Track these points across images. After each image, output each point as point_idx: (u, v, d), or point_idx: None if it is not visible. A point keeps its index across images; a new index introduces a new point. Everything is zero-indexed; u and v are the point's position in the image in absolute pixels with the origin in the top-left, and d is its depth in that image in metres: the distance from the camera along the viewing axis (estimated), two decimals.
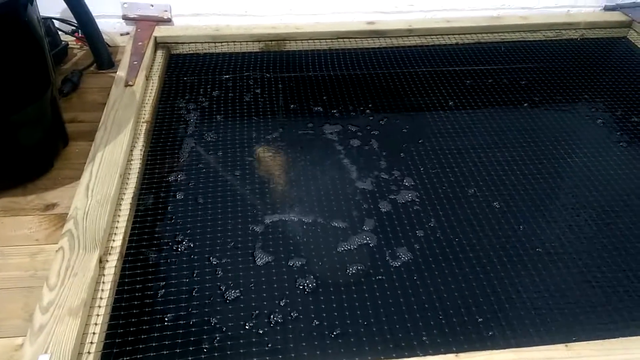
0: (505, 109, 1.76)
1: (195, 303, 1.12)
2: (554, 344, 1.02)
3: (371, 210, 1.36)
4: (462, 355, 0.99)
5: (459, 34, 2.09)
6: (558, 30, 2.14)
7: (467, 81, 1.87)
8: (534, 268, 1.23)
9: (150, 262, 1.19)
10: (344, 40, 2.04)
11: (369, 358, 1.02)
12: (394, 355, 1.02)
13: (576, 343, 1.02)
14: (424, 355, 1.00)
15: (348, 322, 1.10)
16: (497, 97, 1.80)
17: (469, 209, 1.37)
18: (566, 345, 1.01)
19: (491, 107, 1.76)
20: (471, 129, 1.66)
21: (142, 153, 1.45)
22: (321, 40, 2.03)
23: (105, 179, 1.31)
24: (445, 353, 1.00)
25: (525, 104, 1.78)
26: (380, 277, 1.19)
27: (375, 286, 1.17)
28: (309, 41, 2.03)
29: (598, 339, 1.03)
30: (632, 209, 1.39)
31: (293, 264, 1.21)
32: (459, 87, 1.84)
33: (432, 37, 2.07)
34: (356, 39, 2.04)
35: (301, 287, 1.16)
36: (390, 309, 1.12)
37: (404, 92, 1.81)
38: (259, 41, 2.00)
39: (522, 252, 1.27)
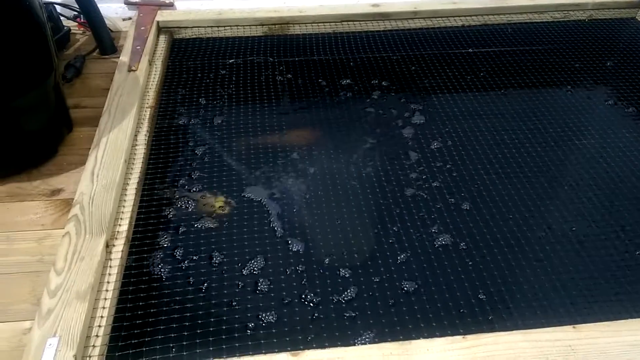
0: (512, 91, 1.73)
1: (202, 286, 1.12)
2: (561, 325, 1.02)
3: (377, 198, 1.35)
4: (469, 337, 0.98)
5: (465, 16, 2.06)
6: (566, 12, 2.10)
7: (473, 64, 1.85)
8: (542, 250, 1.22)
9: (157, 247, 1.20)
10: (349, 23, 2.01)
11: (376, 340, 1.02)
12: (401, 337, 1.02)
13: (584, 324, 1.01)
14: (432, 337, 1.00)
15: (355, 304, 1.10)
16: (504, 79, 1.78)
17: (475, 192, 1.36)
18: (574, 327, 1.00)
19: (498, 89, 1.74)
20: (477, 112, 1.64)
21: (146, 138, 1.45)
22: (325, 24, 2.01)
23: (110, 164, 1.31)
24: (452, 335, 1.00)
25: (533, 86, 1.76)
26: (389, 260, 1.19)
27: (382, 269, 1.17)
28: (313, 24, 2.00)
29: (605, 321, 1.03)
30: None
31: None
32: (465, 69, 1.82)
33: (437, 19, 2.05)
34: (361, 22, 2.02)
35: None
36: (397, 291, 1.12)
37: (410, 75, 1.79)
38: (262, 25, 1.98)
39: (529, 234, 1.26)
